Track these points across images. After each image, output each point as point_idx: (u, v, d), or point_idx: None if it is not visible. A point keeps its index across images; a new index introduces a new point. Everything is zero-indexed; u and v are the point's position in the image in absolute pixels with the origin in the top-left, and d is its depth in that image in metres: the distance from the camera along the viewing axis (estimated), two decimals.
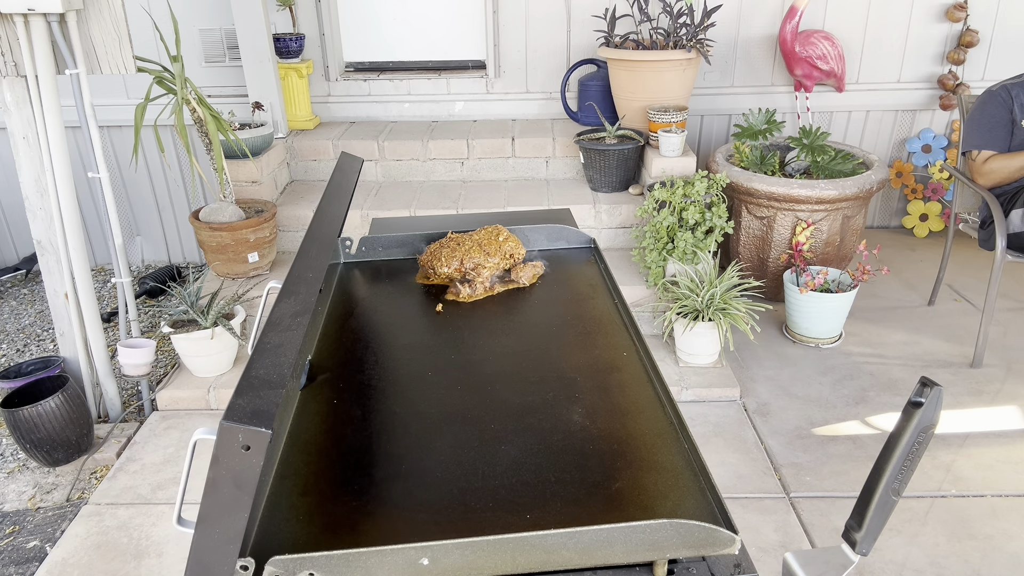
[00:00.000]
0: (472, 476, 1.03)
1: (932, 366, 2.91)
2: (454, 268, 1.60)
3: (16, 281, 4.04)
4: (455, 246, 1.64)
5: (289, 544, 0.93)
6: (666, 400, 1.19)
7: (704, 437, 2.54)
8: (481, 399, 1.22)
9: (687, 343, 2.83)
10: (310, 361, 1.33)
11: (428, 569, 0.86)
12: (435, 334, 1.44)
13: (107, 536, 2.19)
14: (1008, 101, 2.88)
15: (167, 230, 4.18)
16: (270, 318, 1.02)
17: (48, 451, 2.44)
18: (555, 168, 3.75)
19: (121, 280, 2.65)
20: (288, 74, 3.76)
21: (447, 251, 1.64)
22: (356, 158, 1.74)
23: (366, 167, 3.73)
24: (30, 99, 2.34)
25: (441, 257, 1.63)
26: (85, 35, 2.38)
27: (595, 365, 1.31)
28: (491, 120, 4.07)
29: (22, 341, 3.41)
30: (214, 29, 3.77)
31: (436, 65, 4.12)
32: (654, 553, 0.89)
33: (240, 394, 0.81)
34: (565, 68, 3.91)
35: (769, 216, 3.15)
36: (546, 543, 0.86)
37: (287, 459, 1.09)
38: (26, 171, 2.41)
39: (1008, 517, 2.15)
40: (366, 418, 1.18)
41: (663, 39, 3.45)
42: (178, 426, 2.70)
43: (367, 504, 0.99)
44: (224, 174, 3.02)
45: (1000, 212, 2.77)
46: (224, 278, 3.23)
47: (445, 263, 1.61)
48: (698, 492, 1.00)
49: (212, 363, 2.82)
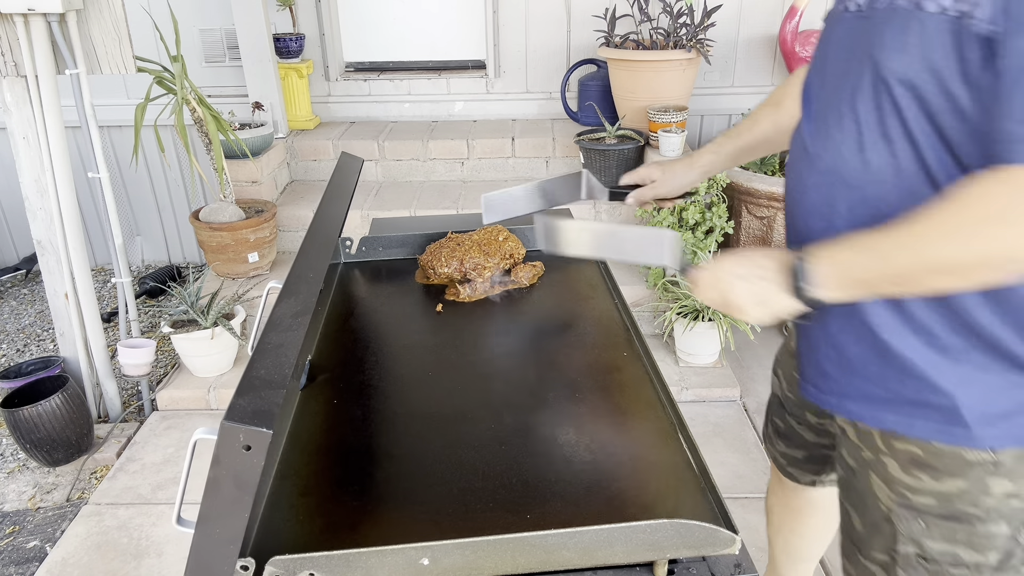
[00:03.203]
0: (472, 476, 1.03)
1: None
2: (454, 268, 1.60)
3: (16, 281, 4.04)
4: (455, 246, 1.63)
5: (289, 544, 0.93)
6: (666, 400, 1.19)
7: (704, 437, 2.54)
8: (481, 399, 1.22)
9: (687, 343, 2.83)
10: (310, 361, 1.33)
11: (428, 569, 0.86)
12: (435, 334, 1.44)
13: (107, 536, 2.19)
14: None
15: (167, 230, 4.17)
16: (270, 318, 1.02)
17: (48, 451, 2.44)
18: (555, 168, 3.74)
19: (121, 280, 2.65)
20: (288, 74, 3.76)
21: (447, 251, 1.63)
22: (356, 158, 1.74)
23: (366, 167, 3.73)
24: (30, 99, 2.34)
25: (441, 257, 1.63)
26: (85, 35, 2.38)
27: (595, 365, 1.31)
28: (491, 120, 4.06)
29: (22, 341, 3.41)
30: (214, 29, 3.77)
31: (436, 65, 4.12)
32: (654, 553, 0.89)
33: (241, 394, 0.81)
34: (565, 68, 3.91)
35: (769, 216, 3.15)
36: (546, 543, 0.86)
37: (287, 459, 1.09)
38: (26, 171, 2.41)
39: None
40: (366, 418, 1.18)
41: (663, 39, 3.45)
42: (178, 426, 2.70)
43: (367, 504, 0.99)
44: (224, 174, 3.02)
45: None
46: (224, 278, 3.23)
47: (445, 263, 1.61)
48: (698, 492, 1.00)
49: (212, 363, 2.82)
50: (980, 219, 0.79)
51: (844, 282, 0.91)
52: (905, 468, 0.99)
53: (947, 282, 0.85)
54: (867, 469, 1.05)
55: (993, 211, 0.78)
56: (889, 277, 0.87)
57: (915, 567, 1.02)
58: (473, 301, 1.55)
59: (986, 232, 0.79)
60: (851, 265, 0.90)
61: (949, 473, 0.95)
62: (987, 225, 0.79)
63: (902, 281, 0.87)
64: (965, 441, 0.93)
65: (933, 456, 0.96)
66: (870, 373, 0.98)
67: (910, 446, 0.97)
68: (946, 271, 0.84)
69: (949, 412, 0.93)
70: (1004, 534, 0.96)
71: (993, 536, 0.97)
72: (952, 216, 0.81)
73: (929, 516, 0.99)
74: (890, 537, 1.04)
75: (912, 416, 0.96)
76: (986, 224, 0.79)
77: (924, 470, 0.97)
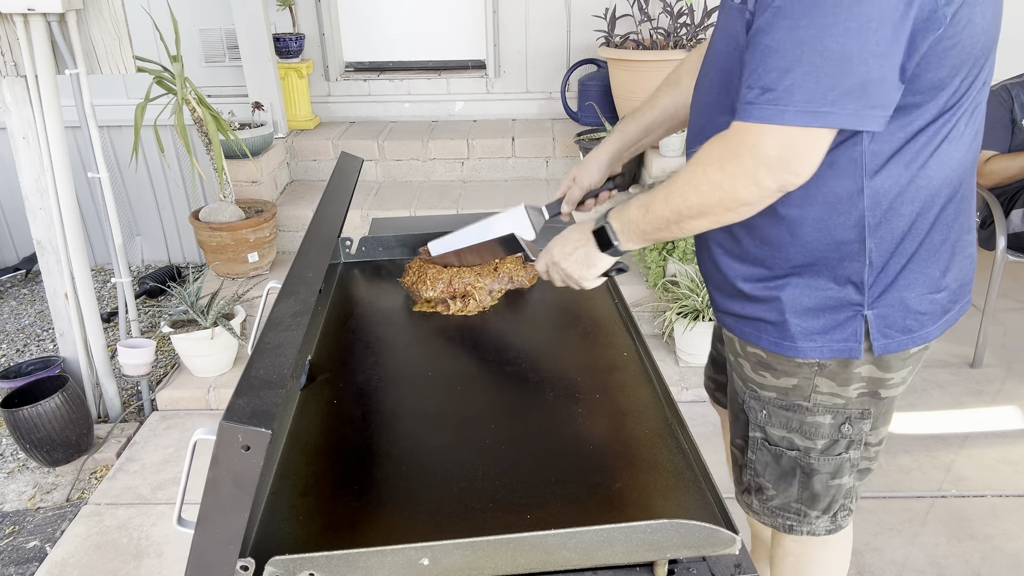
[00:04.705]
0: (472, 476, 1.03)
1: (932, 366, 2.91)
2: (440, 291, 1.49)
3: (16, 281, 4.04)
4: (441, 267, 1.53)
5: (289, 544, 0.93)
6: (666, 400, 1.19)
7: (704, 437, 2.53)
8: (481, 399, 1.22)
9: (687, 343, 2.83)
10: (310, 361, 1.33)
11: (428, 569, 0.86)
12: (435, 334, 1.44)
13: (107, 536, 2.19)
14: (1008, 101, 2.88)
15: (167, 230, 4.17)
16: (270, 318, 1.02)
17: (48, 451, 2.44)
18: (555, 168, 3.74)
19: (121, 280, 2.65)
20: (288, 74, 3.76)
21: (433, 271, 1.52)
22: (356, 158, 1.74)
23: (366, 167, 3.73)
24: (30, 99, 2.34)
25: (427, 279, 1.50)
26: (85, 35, 2.38)
27: (595, 365, 1.31)
28: (491, 120, 4.06)
29: (22, 341, 3.41)
30: (214, 29, 3.77)
31: (436, 65, 4.12)
32: (654, 553, 0.89)
33: (240, 394, 0.81)
34: (565, 68, 3.91)
35: None
36: (546, 543, 0.86)
37: (287, 459, 1.09)
38: (26, 171, 2.41)
39: (1008, 517, 2.15)
40: (366, 418, 1.18)
41: (663, 39, 3.45)
42: (178, 426, 2.70)
43: (367, 504, 0.99)
44: (224, 174, 3.02)
45: (1000, 212, 2.77)
46: (224, 278, 3.23)
47: (431, 286, 1.49)
48: (698, 492, 1.00)
49: (212, 363, 2.82)
50: (703, 167, 0.98)
51: (633, 234, 1.12)
52: (754, 368, 1.19)
53: (701, 224, 1.03)
54: (732, 371, 1.27)
55: (713, 160, 0.96)
56: (659, 226, 1.07)
57: (761, 449, 1.24)
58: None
59: (709, 178, 0.97)
60: (635, 220, 1.11)
61: (785, 373, 1.15)
62: (708, 173, 0.97)
63: (669, 227, 1.06)
64: (792, 352, 1.12)
65: (773, 359, 1.16)
66: (728, 294, 1.18)
67: (757, 350, 1.17)
68: (695, 215, 1.01)
69: (781, 328, 1.11)
70: (828, 424, 1.17)
71: (819, 425, 1.18)
72: (689, 169, 1.00)
73: (771, 407, 1.20)
74: (744, 425, 1.26)
75: (758, 330, 1.15)
76: (707, 172, 0.97)
77: (767, 369, 1.17)
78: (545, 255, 1.27)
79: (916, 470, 2.34)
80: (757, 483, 1.27)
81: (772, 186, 0.94)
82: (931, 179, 1.00)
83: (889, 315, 1.07)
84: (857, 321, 1.08)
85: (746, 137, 0.92)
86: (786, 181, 0.93)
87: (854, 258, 1.04)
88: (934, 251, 1.06)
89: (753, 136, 0.91)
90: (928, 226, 1.03)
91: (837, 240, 1.03)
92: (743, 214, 0.99)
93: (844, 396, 1.15)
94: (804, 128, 0.89)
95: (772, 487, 1.25)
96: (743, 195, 0.96)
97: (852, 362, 1.11)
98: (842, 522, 1.28)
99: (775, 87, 0.88)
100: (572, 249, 1.21)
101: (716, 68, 1.08)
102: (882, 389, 1.15)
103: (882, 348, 1.09)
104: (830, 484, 1.22)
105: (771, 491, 1.26)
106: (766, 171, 0.92)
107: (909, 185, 0.99)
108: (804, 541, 1.32)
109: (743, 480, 1.30)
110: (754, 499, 1.30)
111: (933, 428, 2.55)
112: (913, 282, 1.06)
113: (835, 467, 1.20)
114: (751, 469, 1.27)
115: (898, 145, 0.97)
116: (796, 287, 1.08)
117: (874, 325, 1.07)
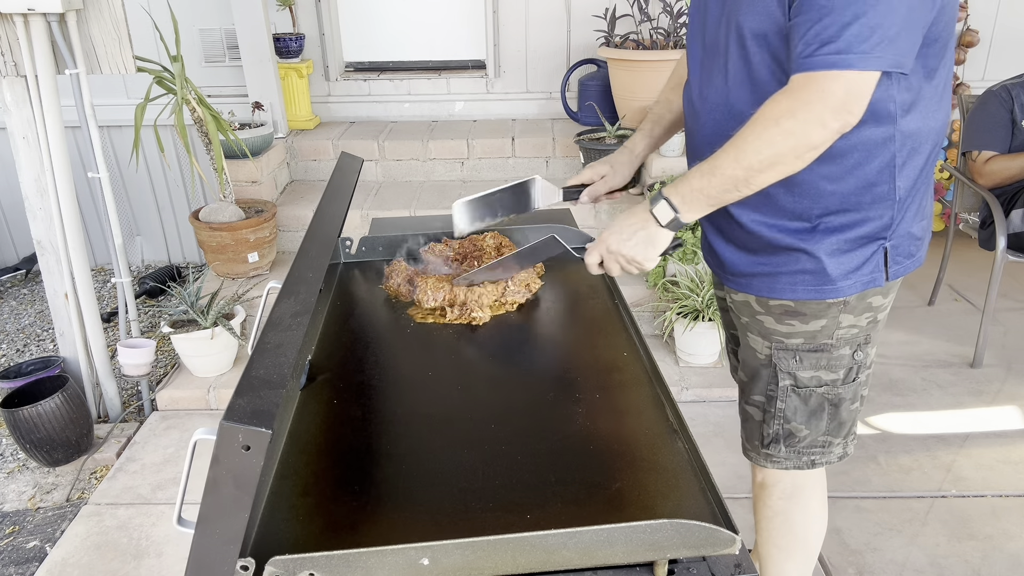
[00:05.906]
0: (472, 476, 1.03)
1: (932, 366, 2.91)
2: (442, 300, 1.47)
3: (16, 281, 4.04)
4: (439, 277, 1.50)
5: (289, 544, 0.93)
6: (666, 400, 1.18)
7: (704, 437, 2.54)
8: (481, 399, 1.22)
9: (687, 343, 2.83)
10: (310, 361, 1.33)
11: (428, 569, 0.86)
12: (435, 334, 1.44)
13: (107, 536, 2.19)
14: (1008, 101, 2.88)
15: (167, 230, 4.17)
16: (270, 318, 1.02)
17: (48, 451, 2.44)
18: (555, 168, 3.74)
19: (121, 280, 2.65)
20: (288, 74, 3.76)
21: (433, 279, 1.49)
22: (356, 158, 1.74)
23: (366, 167, 3.73)
24: (30, 99, 2.34)
25: (427, 289, 1.48)
26: (85, 35, 2.38)
27: (595, 365, 1.31)
28: (491, 120, 4.06)
29: (22, 341, 3.41)
30: (214, 29, 3.77)
31: (436, 65, 4.12)
32: (654, 553, 0.89)
33: (240, 394, 0.81)
34: (565, 68, 3.91)
35: None
36: (546, 543, 0.86)
37: (287, 459, 1.09)
38: (26, 171, 2.41)
39: (1008, 517, 2.15)
40: (366, 418, 1.18)
41: (663, 39, 3.45)
42: (178, 426, 2.70)
43: (367, 504, 0.99)
44: (224, 174, 3.02)
45: (1000, 212, 2.77)
46: (224, 278, 3.23)
47: (432, 295, 1.47)
48: (698, 492, 1.00)
49: (212, 363, 2.82)
50: (774, 120, 1.06)
51: (696, 202, 1.17)
52: (779, 319, 1.30)
53: (769, 176, 1.10)
54: (747, 332, 1.37)
55: (782, 112, 1.06)
56: (726, 187, 1.13)
57: (790, 396, 1.34)
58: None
59: (782, 128, 1.06)
60: (699, 187, 1.16)
61: (815, 316, 1.27)
62: (780, 123, 1.06)
63: (737, 186, 1.12)
64: (833, 294, 1.23)
65: (802, 306, 1.27)
66: (756, 252, 1.28)
67: (784, 302, 1.27)
68: (765, 167, 1.09)
69: (818, 275, 1.23)
70: (847, 354, 1.31)
71: (841, 357, 1.31)
72: (757, 124, 1.08)
73: (801, 352, 1.31)
74: (768, 379, 1.35)
75: (793, 282, 1.25)
76: (779, 123, 1.06)
77: (795, 317, 1.28)
78: (599, 247, 1.31)
79: (916, 470, 2.34)
80: (787, 429, 1.37)
81: (836, 127, 1.05)
82: (933, 125, 1.17)
83: (900, 243, 1.24)
84: (879, 253, 1.23)
85: (814, 85, 1.03)
86: (845, 122, 1.05)
87: (884, 197, 1.18)
88: (926, 184, 1.24)
89: (819, 83, 1.03)
90: (926, 163, 1.21)
91: (870, 182, 1.17)
92: (807, 160, 1.09)
93: (858, 326, 1.28)
94: (860, 72, 1.02)
95: (804, 426, 1.36)
96: (814, 139, 1.06)
97: (867, 293, 1.25)
98: (851, 447, 1.42)
99: (835, 39, 1.00)
100: (630, 234, 1.26)
101: (731, 68, 1.19)
102: (879, 314, 1.30)
103: (894, 273, 1.25)
104: (851, 409, 1.36)
105: (804, 431, 1.36)
106: (831, 114, 1.04)
107: (922, 128, 1.16)
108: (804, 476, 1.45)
109: (768, 433, 1.39)
110: (782, 446, 1.39)
111: (933, 428, 2.55)
112: (916, 212, 1.24)
113: (853, 392, 1.34)
114: (780, 417, 1.36)
115: (916, 95, 1.13)
116: (833, 232, 1.20)
117: (891, 254, 1.23)
